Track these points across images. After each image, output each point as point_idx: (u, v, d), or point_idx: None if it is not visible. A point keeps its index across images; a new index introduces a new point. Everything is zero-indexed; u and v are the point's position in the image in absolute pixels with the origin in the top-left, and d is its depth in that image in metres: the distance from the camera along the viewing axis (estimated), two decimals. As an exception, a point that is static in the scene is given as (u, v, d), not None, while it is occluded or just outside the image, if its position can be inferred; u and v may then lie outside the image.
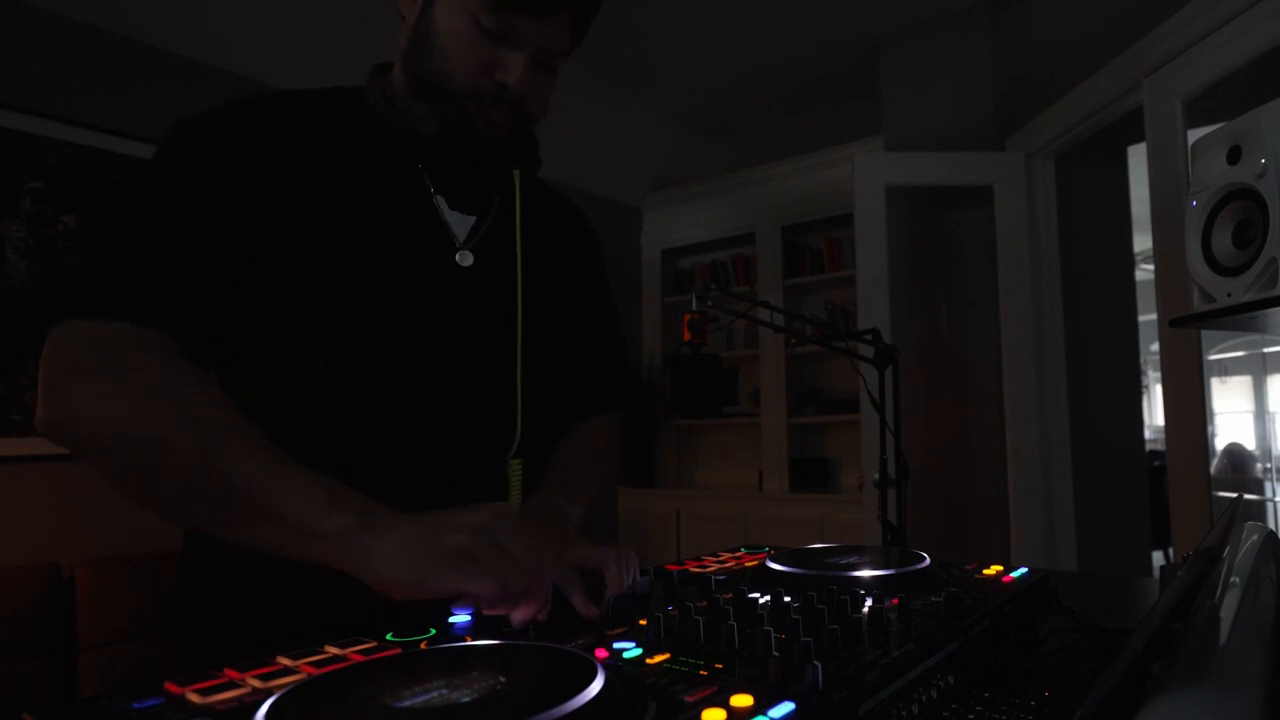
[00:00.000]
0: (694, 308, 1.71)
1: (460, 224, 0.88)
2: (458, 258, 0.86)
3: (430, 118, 0.81)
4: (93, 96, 2.58)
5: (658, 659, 0.49)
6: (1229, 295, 1.29)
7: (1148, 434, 3.95)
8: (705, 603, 0.59)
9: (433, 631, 0.58)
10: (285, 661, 0.50)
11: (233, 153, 0.76)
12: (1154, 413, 6.53)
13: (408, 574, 0.59)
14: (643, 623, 0.56)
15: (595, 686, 0.40)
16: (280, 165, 0.78)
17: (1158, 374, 3.38)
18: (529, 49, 0.79)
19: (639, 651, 0.50)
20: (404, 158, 0.86)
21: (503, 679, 0.43)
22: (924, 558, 0.75)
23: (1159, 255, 2.33)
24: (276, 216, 0.76)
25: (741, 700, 0.40)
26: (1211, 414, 2.21)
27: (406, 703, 0.40)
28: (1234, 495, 1.20)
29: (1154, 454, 4.07)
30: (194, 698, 0.43)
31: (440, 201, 0.86)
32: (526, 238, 0.93)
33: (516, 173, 0.93)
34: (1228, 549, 0.57)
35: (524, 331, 0.89)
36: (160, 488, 0.66)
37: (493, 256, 0.89)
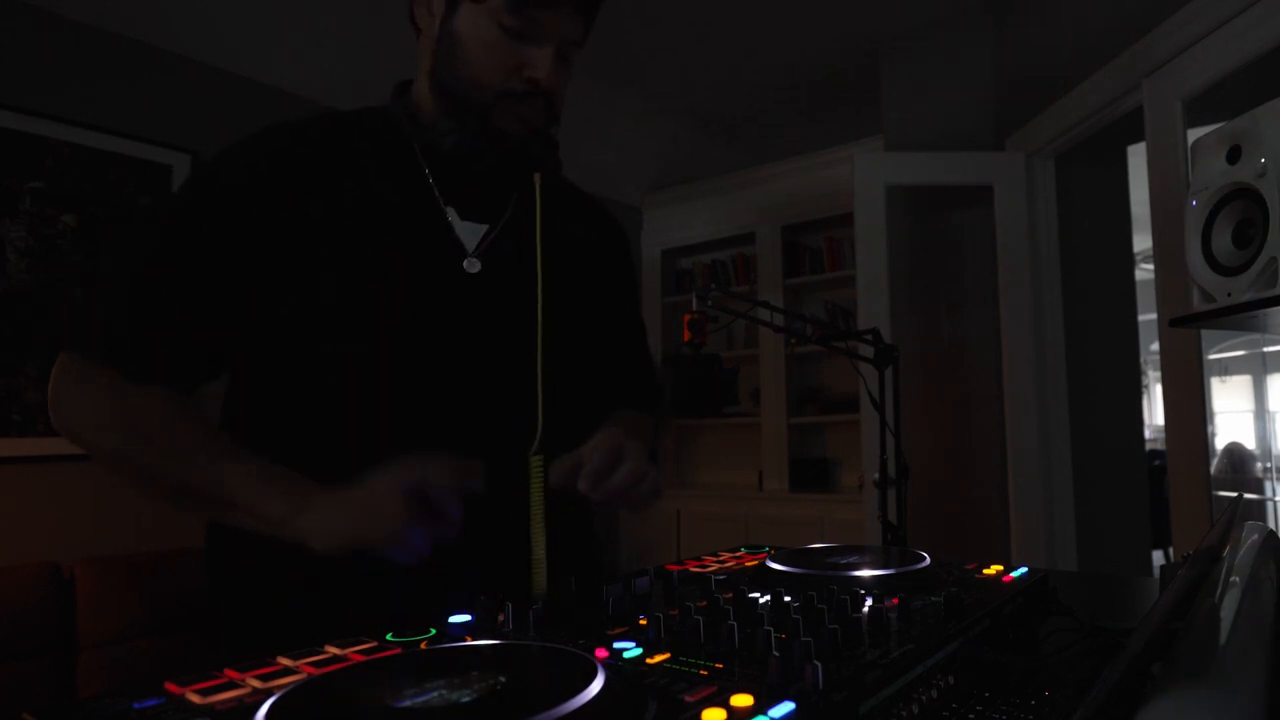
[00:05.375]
0: (694, 308, 1.71)
1: (470, 233, 0.90)
2: (465, 264, 0.88)
3: (452, 133, 0.86)
4: (93, 96, 2.58)
5: (658, 659, 0.49)
6: (1229, 295, 1.28)
7: (1148, 434, 3.95)
8: (705, 603, 0.59)
9: (433, 631, 0.58)
10: (285, 661, 0.50)
11: (252, 193, 0.82)
12: (1154, 412, 6.53)
13: (339, 543, 0.70)
14: (643, 622, 0.56)
15: (595, 686, 0.40)
16: (296, 197, 0.83)
17: (1158, 374, 3.38)
18: (552, 42, 0.84)
19: (639, 651, 0.50)
20: (416, 173, 0.89)
21: (502, 679, 0.43)
22: (924, 558, 0.76)
23: (1159, 255, 2.32)
24: (291, 245, 0.82)
25: (741, 700, 0.40)
26: (1211, 414, 2.21)
27: (406, 703, 0.40)
28: (1234, 495, 1.20)
29: (1154, 454, 4.06)
30: (194, 698, 0.43)
31: (451, 213, 0.89)
32: (546, 240, 0.94)
33: (537, 177, 0.95)
34: (1228, 549, 0.57)
35: (543, 331, 0.91)
36: (145, 489, 0.81)
37: (503, 262, 0.91)
